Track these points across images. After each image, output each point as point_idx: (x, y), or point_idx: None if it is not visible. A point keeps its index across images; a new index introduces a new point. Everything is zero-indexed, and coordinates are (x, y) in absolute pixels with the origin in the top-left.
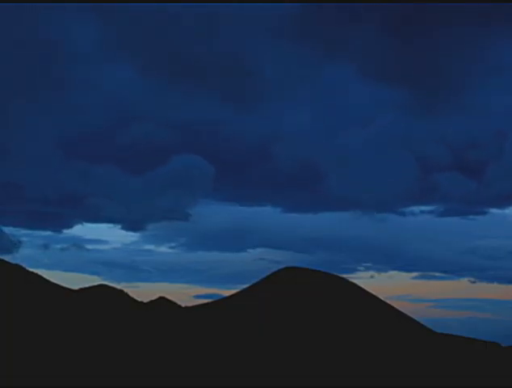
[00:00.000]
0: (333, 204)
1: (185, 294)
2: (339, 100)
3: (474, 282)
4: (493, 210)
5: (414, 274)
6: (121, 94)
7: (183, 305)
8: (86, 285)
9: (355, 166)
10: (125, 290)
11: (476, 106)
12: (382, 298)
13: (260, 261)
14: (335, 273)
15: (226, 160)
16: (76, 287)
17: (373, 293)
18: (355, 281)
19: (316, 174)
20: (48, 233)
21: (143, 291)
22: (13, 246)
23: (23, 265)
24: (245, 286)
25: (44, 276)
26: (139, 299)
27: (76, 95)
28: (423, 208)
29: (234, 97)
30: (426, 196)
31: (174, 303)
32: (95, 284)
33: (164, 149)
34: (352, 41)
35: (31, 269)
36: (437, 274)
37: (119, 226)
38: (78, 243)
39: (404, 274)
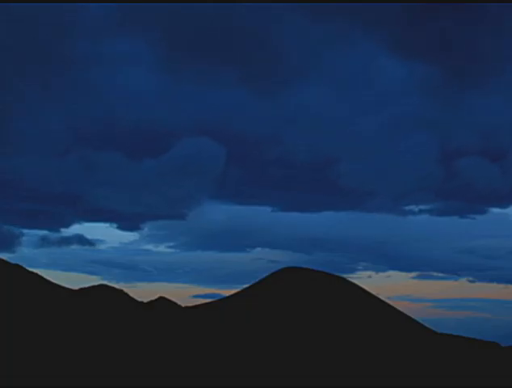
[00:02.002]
0: (333, 203)
1: (184, 294)
2: (357, 82)
3: (473, 282)
4: (493, 209)
5: (413, 274)
6: (125, 77)
7: (183, 305)
8: (86, 285)
9: (371, 155)
10: (125, 290)
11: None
12: (382, 298)
13: (259, 261)
14: (334, 273)
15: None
16: (76, 287)
17: (373, 293)
18: (354, 281)
19: (327, 164)
20: (45, 232)
21: (142, 291)
22: (15, 238)
23: (23, 265)
24: (244, 286)
25: (44, 275)
26: (139, 299)
27: (76, 76)
28: (422, 206)
29: (236, 88)
30: (447, 183)
31: (175, 303)
32: (95, 283)
33: (166, 136)
34: (376, 17)
35: (30, 269)
36: (436, 274)
37: (117, 226)
38: (84, 239)
39: (403, 274)
